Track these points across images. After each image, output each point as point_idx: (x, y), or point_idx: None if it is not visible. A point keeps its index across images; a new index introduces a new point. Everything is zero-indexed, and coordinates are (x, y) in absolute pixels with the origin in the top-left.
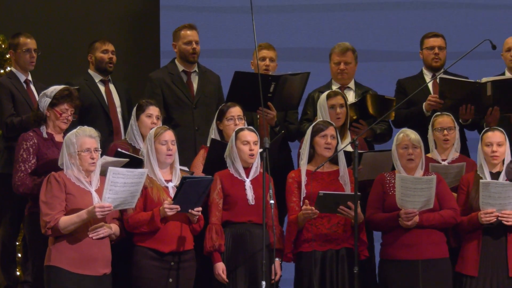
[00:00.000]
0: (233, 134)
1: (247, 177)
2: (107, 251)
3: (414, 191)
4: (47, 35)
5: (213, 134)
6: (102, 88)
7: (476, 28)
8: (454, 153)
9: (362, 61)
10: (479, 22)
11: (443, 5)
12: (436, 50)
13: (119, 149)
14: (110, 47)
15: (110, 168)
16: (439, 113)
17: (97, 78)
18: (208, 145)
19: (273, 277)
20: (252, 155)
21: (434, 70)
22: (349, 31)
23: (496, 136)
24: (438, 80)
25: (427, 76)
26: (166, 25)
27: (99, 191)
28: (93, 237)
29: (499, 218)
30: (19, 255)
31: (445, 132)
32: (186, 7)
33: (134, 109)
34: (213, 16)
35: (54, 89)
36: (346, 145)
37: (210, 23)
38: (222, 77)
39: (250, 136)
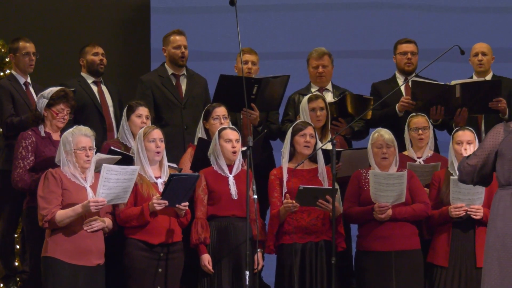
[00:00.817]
0: (216, 133)
1: (230, 173)
2: (100, 243)
3: (386, 186)
4: (44, 39)
5: (200, 133)
6: (95, 89)
7: (447, 31)
8: (428, 151)
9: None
10: (449, 25)
11: (416, 7)
12: (409, 55)
13: (112, 147)
14: (100, 50)
15: (104, 165)
16: (414, 114)
17: (89, 79)
18: (195, 143)
19: (255, 267)
20: (234, 152)
21: (406, 73)
22: (323, 31)
23: (466, 135)
24: (410, 83)
25: (400, 79)
26: (157, 29)
27: (94, 187)
28: (88, 230)
29: (468, 212)
30: (18, 246)
31: (420, 131)
32: (176, 10)
33: (125, 110)
34: (201, 19)
35: (51, 90)
36: (325, 143)
37: (198, 26)
38: (208, 79)
39: (232, 134)
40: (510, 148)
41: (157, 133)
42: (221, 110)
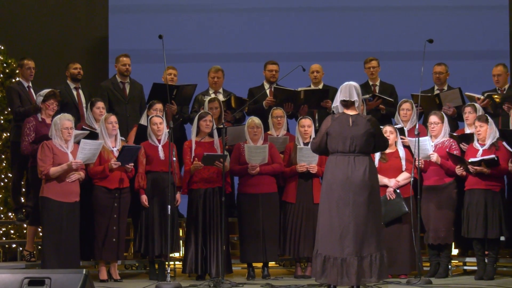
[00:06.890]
0: (149, 119)
1: (159, 143)
2: (77, 187)
3: (255, 153)
4: (41, 57)
5: (143, 117)
6: (75, 93)
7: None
8: (283, 131)
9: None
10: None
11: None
12: (274, 72)
13: (83, 127)
14: (78, 65)
15: (82, 140)
16: (275, 107)
17: (72, 86)
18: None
19: (175, 203)
20: (159, 130)
21: (271, 83)
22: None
23: (307, 121)
24: (273, 89)
25: (267, 86)
26: (113, 51)
27: (73, 153)
28: (72, 179)
29: (308, 168)
30: (23, 189)
31: (279, 119)
32: (132, 41)
33: (88, 104)
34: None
35: (44, 91)
36: (219, 126)
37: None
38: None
39: (158, 120)
40: (334, 130)
41: (113, 118)
42: (158, 106)
